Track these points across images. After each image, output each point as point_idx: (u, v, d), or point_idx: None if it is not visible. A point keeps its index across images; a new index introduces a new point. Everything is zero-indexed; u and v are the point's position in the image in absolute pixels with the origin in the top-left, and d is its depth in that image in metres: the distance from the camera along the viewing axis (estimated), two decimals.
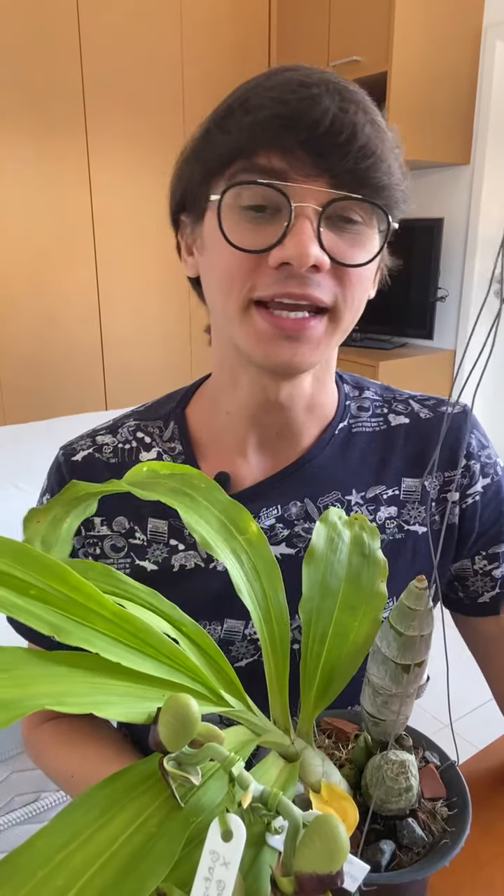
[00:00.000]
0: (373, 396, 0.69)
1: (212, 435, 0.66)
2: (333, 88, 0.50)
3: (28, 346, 2.74)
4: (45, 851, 0.25)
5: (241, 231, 0.52)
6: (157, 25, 2.73)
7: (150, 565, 0.64)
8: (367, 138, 0.50)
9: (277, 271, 0.51)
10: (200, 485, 0.41)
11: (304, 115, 0.49)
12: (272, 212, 0.51)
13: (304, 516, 0.64)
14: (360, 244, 0.53)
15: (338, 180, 0.50)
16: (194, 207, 0.57)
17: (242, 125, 0.51)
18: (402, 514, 0.65)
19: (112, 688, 0.30)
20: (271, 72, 0.53)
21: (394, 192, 0.54)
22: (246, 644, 0.64)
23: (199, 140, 0.56)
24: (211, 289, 0.58)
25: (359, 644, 0.44)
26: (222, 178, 0.53)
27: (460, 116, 2.68)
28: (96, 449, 0.67)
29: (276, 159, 0.50)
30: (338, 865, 0.25)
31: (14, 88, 2.50)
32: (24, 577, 0.30)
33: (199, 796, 0.29)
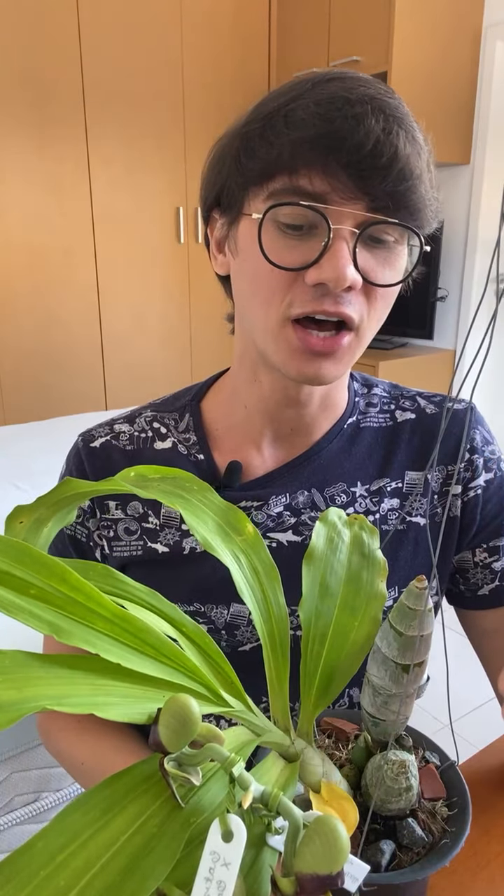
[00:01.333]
0: (381, 393, 0.71)
1: (227, 427, 0.69)
2: (377, 106, 0.51)
3: (28, 345, 2.74)
4: (47, 852, 0.25)
5: (279, 248, 0.53)
6: (157, 25, 2.73)
7: (161, 547, 0.66)
8: (406, 160, 0.51)
9: (313, 289, 0.53)
10: (192, 487, 0.41)
11: (349, 137, 0.50)
12: (309, 228, 0.53)
13: (311, 505, 0.66)
14: (391, 264, 0.56)
15: (376, 203, 0.52)
16: (229, 209, 0.58)
17: (286, 140, 0.51)
18: (404, 506, 0.67)
19: (112, 689, 0.30)
20: (317, 79, 0.53)
21: (427, 212, 0.56)
22: (251, 629, 0.65)
23: (239, 142, 0.56)
24: (245, 295, 0.60)
25: (359, 644, 0.44)
26: (262, 190, 0.54)
27: (460, 116, 2.68)
28: (113, 436, 0.69)
29: (317, 181, 0.51)
30: (338, 866, 0.25)
31: (14, 88, 2.50)
32: (23, 576, 0.30)
33: (200, 797, 0.29)
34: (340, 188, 0.51)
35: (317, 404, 0.65)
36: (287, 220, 0.53)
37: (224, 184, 0.58)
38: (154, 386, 3.03)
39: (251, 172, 0.54)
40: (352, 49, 2.61)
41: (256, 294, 0.56)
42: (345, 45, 2.65)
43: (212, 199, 0.61)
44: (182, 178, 2.89)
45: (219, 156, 0.59)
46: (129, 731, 0.71)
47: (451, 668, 0.46)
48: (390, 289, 0.56)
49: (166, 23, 2.74)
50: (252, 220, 0.55)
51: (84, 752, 0.69)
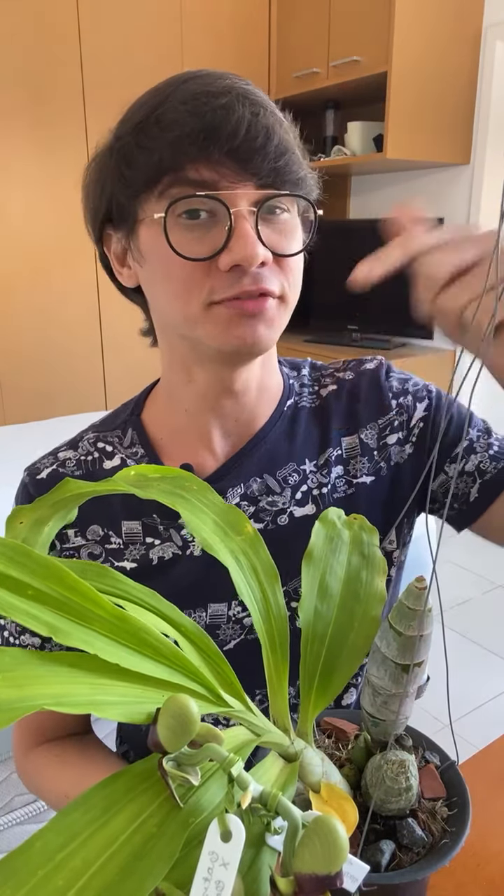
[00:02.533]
0: (307, 374, 0.75)
1: (172, 433, 0.69)
2: (239, 93, 0.54)
3: (28, 346, 2.74)
4: (45, 852, 0.25)
5: (186, 242, 0.55)
6: (157, 25, 2.73)
7: (129, 564, 0.66)
8: (279, 137, 0.55)
9: (229, 273, 0.55)
10: (192, 486, 0.41)
11: (222, 127, 0.52)
12: (209, 216, 0.55)
13: (266, 490, 0.67)
14: (291, 233, 0.58)
15: (263, 181, 0.55)
16: (123, 222, 0.60)
17: (163, 142, 0.53)
18: (348, 471, 0.69)
19: (111, 688, 0.30)
20: (176, 81, 0.56)
21: (308, 180, 0.59)
22: (232, 625, 0.66)
23: (116, 157, 0.58)
24: (160, 297, 0.60)
25: (358, 644, 0.44)
26: (152, 194, 0.56)
27: (460, 116, 2.68)
28: (59, 465, 0.69)
29: (204, 171, 0.54)
30: (337, 866, 0.25)
31: (14, 88, 2.50)
32: (21, 577, 0.30)
33: (199, 797, 0.29)
34: (228, 174, 0.54)
35: (254, 391, 0.67)
36: (187, 214, 0.55)
37: (111, 199, 0.59)
38: None
39: (137, 181, 0.56)
40: (352, 49, 2.61)
41: (173, 291, 0.57)
42: (345, 45, 2.65)
43: (101, 218, 0.62)
44: None
45: (96, 176, 0.61)
46: (110, 760, 0.70)
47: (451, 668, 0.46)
48: (297, 257, 0.59)
49: (166, 23, 2.75)
50: (152, 222, 0.56)
51: (67, 784, 0.68)
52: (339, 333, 3.03)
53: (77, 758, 0.70)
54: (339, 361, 0.76)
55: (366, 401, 0.70)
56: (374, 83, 2.56)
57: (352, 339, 3.02)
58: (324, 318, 2.94)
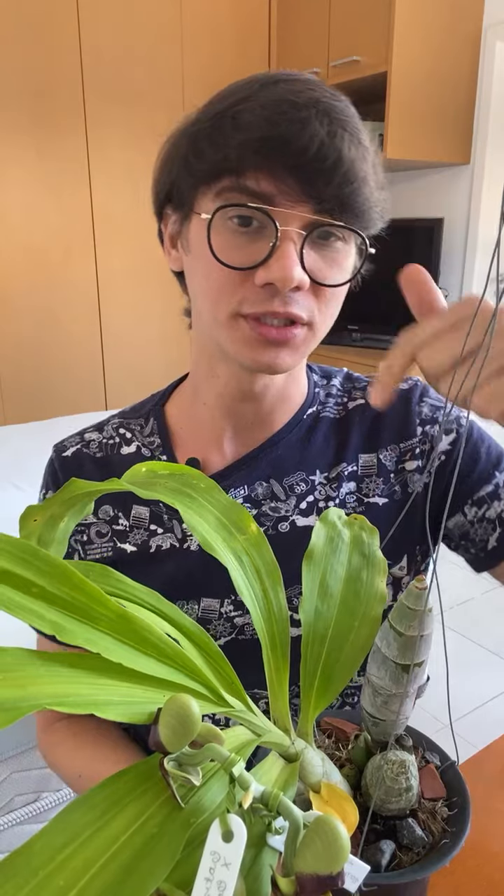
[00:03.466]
0: (337, 385, 0.73)
1: (190, 426, 0.70)
2: (323, 109, 0.52)
3: (28, 345, 2.74)
4: (46, 852, 0.25)
5: (229, 248, 0.54)
6: (157, 25, 2.72)
7: (129, 547, 0.68)
8: (350, 163, 0.52)
9: (262, 289, 0.54)
10: (200, 485, 0.41)
11: (294, 141, 0.51)
12: (258, 227, 0.54)
13: (270, 496, 0.67)
14: (338, 263, 0.57)
15: (322, 205, 0.53)
16: (180, 206, 0.60)
17: (232, 143, 0.52)
18: (361, 489, 0.68)
19: (113, 688, 0.30)
20: (263, 81, 0.54)
21: (373, 212, 0.57)
22: (223, 622, 0.66)
23: (187, 142, 0.57)
24: (197, 292, 0.61)
25: (359, 644, 0.44)
26: (210, 189, 0.55)
27: (460, 116, 2.68)
28: (84, 445, 0.72)
29: (264, 182, 0.52)
30: (338, 866, 0.25)
31: (14, 88, 2.50)
32: (26, 575, 0.30)
33: (200, 797, 0.29)
34: (286, 190, 0.52)
35: (273, 397, 0.66)
36: (236, 220, 0.54)
37: (174, 182, 0.59)
38: (154, 386, 3.00)
39: (199, 173, 0.55)
40: (352, 49, 2.61)
41: (207, 291, 0.58)
42: (345, 45, 2.65)
43: (163, 197, 0.62)
44: None
45: (169, 155, 0.60)
46: (125, 742, 0.72)
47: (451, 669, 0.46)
48: (338, 288, 0.58)
49: (166, 23, 2.74)
50: (202, 219, 0.55)
51: (80, 765, 0.70)
52: (340, 333, 3.02)
53: (92, 737, 0.71)
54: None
55: (391, 421, 0.69)
56: (374, 83, 2.56)
57: (352, 339, 3.02)
58: None
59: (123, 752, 0.69)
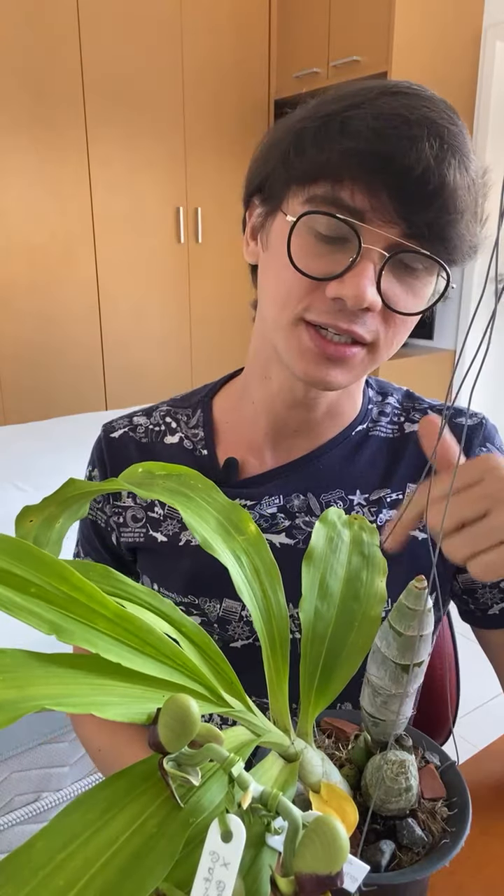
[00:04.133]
0: (394, 403, 0.70)
1: (234, 423, 0.70)
2: (436, 132, 0.50)
3: (28, 346, 2.74)
4: (46, 852, 0.25)
5: (307, 255, 0.53)
6: (157, 25, 2.72)
7: (161, 537, 0.68)
8: (453, 191, 0.50)
9: (331, 302, 0.53)
10: (197, 485, 0.41)
11: (399, 159, 0.49)
12: (342, 239, 0.52)
13: (306, 510, 0.65)
14: (416, 292, 0.55)
15: (413, 230, 0.51)
16: (269, 200, 0.58)
17: (337, 148, 0.51)
18: None
19: (112, 688, 0.30)
20: (381, 90, 0.52)
21: (462, 248, 0.54)
22: (242, 625, 0.66)
23: (292, 138, 0.55)
24: (266, 291, 0.60)
25: (358, 644, 0.44)
26: (303, 190, 0.54)
27: (460, 116, 2.68)
28: (131, 428, 0.72)
29: (359, 196, 0.51)
30: (338, 866, 0.25)
31: (14, 88, 2.50)
32: (24, 574, 0.30)
33: (199, 797, 0.29)
34: (380, 208, 0.51)
35: (323, 410, 0.65)
36: (320, 228, 0.52)
37: (269, 174, 0.58)
38: (154, 386, 3.03)
39: (296, 171, 0.54)
40: (352, 49, 2.61)
41: (276, 292, 0.57)
42: (345, 45, 2.65)
43: (255, 186, 0.60)
44: (182, 179, 2.89)
45: (270, 145, 0.59)
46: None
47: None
48: (409, 316, 0.56)
49: (166, 23, 2.74)
50: (287, 220, 0.54)
51: (102, 740, 0.71)
52: None
53: None
54: (438, 401, 0.71)
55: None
56: None
57: None
58: None
59: (141, 733, 0.71)
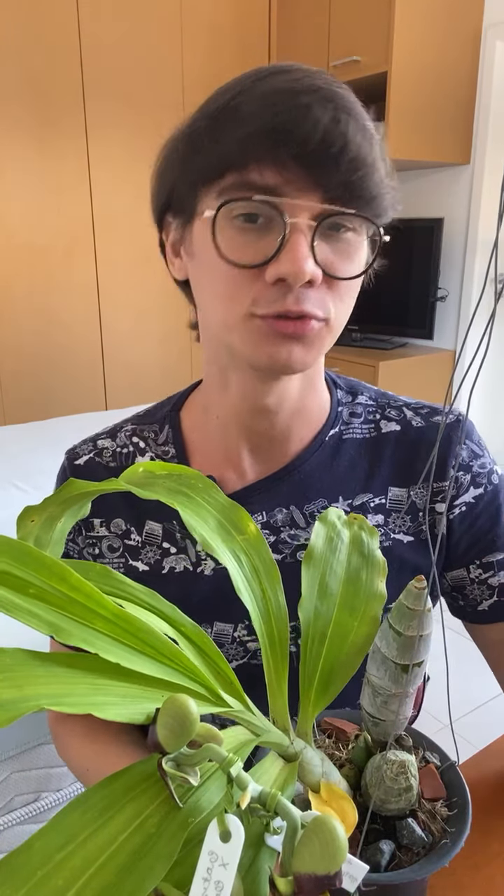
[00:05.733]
0: (366, 402, 0.69)
1: (204, 438, 0.67)
2: (324, 96, 0.50)
3: (28, 346, 2.74)
4: (44, 851, 0.25)
5: (236, 246, 0.52)
6: (157, 25, 2.73)
7: (142, 566, 0.66)
8: (357, 148, 0.50)
9: (274, 287, 0.51)
10: (198, 485, 0.41)
11: (296, 128, 0.48)
12: (265, 222, 0.51)
13: (290, 523, 0.64)
14: (350, 256, 0.54)
15: (330, 193, 0.50)
16: (182, 211, 0.57)
17: (233, 135, 0.50)
18: (388, 523, 0.65)
19: (111, 688, 0.30)
20: (260, 73, 0.52)
21: (384, 199, 0.54)
22: (236, 647, 0.64)
23: (186, 143, 0.55)
24: (205, 298, 0.58)
25: (358, 644, 0.44)
26: (212, 188, 0.52)
27: (460, 116, 2.68)
28: (97, 453, 0.69)
29: (268, 174, 0.50)
30: (336, 866, 0.25)
31: (14, 88, 2.50)
32: (23, 576, 0.30)
33: (198, 797, 0.29)
34: (293, 180, 0.49)
35: (288, 411, 0.63)
36: (242, 216, 0.51)
37: (173, 185, 0.57)
38: (154, 386, 3.03)
39: (200, 172, 0.53)
40: (352, 49, 2.61)
41: (216, 294, 0.55)
42: (345, 45, 2.65)
43: (163, 203, 0.59)
44: None
45: (166, 160, 0.58)
46: (133, 739, 0.70)
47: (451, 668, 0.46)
48: (353, 281, 0.55)
49: (166, 23, 2.74)
50: (205, 221, 0.53)
51: (89, 760, 0.68)
52: None
53: (103, 732, 0.69)
54: (411, 398, 0.70)
55: (427, 458, 0.65)
56: (374, 83, 2.56)
57: (352, 338, 3.02)
58: None
59: (134, 749, 0.68)
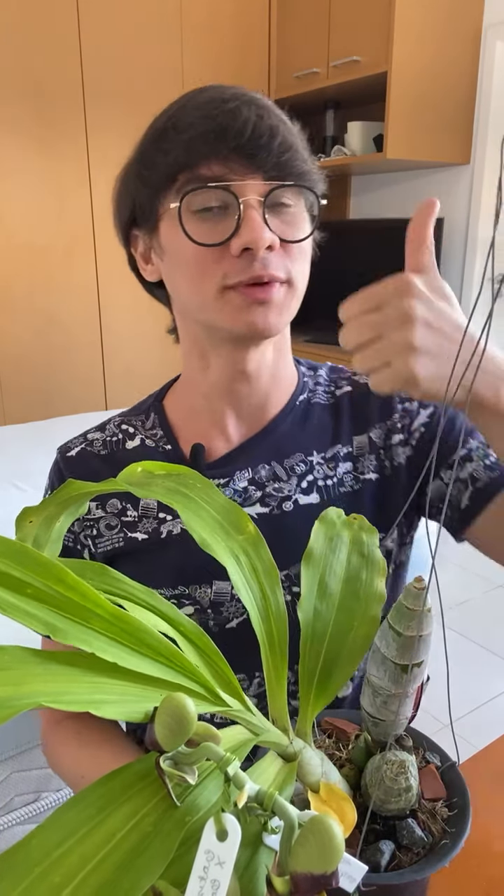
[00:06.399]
0: (324, 375, 0.79)
1: (189, 417, 0.75)
2: (247, 100, 0.61)
3: (28, 346, 2.74)
4: (42, 849, 0.25)
5: (201, 232, 0.60)
6: (157, 25, 2.73)
7: (141, 535, 0.71)
8: (282, 135, 0.61)
9: (240, 258, 0.60)
10: (196, 484, 0.41)
11: (230, 127, 0.59)
12: (221, 210, 0.61)
13: (273, 477, 0.72)
14: (297, 224, 0.64)
15: (269, 174, 0.61)
16: (146, 220, 0.66)
17: (178, 143, 0.60)
18: (357, 467, 0.73)
19: (110, 687, 0.30)
20: (190, 95, 0.64)
21: (312, 174, 0.65)
22: (234, 603, 0.69)
23: (139, 162, 0.65)
24: (179, 284, 0.66)
25: (357, 644, 0.44)
26: (170, 191, 0.62)
27: (460, 116, 2.68)
28: (87, 444, 0.76)
29: (215, 167, 0.60)
30: (332, 865, 0.25)
31: (14, 88, 2.50)
32: (20, 576, 0.30)
33: (196, 796, 0.29)
34: (237, 168, 0.60)
35: (266, 377, 0.71)
36: (200, 205, 0.60)
37: (135, 202, 0.66)
38: (154, 386, 3.01)
39: (156, 180, 0.62)
40: (352, 49, 2.61)
41: (190, 276, 0.63)
42: (345, 45, 2.65)
43: (127, 220, 0.68)
44: None
45: (123, 184, 0.68)
46: (128, 744, 0.72)
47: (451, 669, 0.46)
48: (305, 244, 0.65)
49: (166, 23, 2.74)
50: (170, 217, 0.62)
51: (83, 766, 0.71)
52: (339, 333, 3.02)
53: (96, 736, 0.72)
54: None
55: (375, 402, 0.75)
56: (374, 83, 2.56)
57: None
58: (324, 318, 2.92)
59: (128, 752, 0.70)
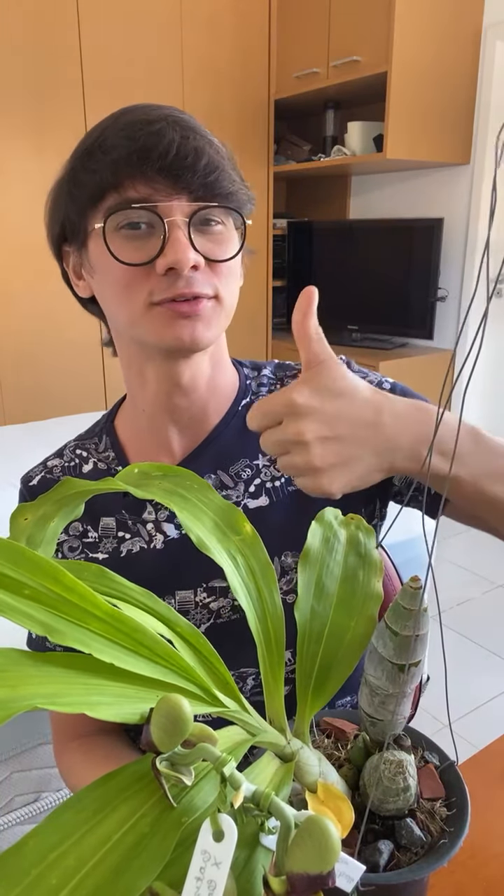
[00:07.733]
0: (268, 374, 0.79)
1: (137, 436, 0.76)
2: (173, 121, 0.61)
3: (28, 345, 2.74)
4: (38, 850, 0.25)
5: (127, 251, 0.61)
6: (157, 25, 2.73)
7: (101, 555, 0.72)
8: (208, 157, 0.61)
9: (166, 276, 0.61)
10: (193, 485, 0.41)
11: (155, 148, 0.59)
12: (147, 229, 0.61)
13: (220, 486, 0.72)
14: (224, 242, 0.64)
15: (195, 194, 0.61)
16: (76, 237, 0.67)
17: (104, 164, 0.61)
18: None
19: (106, 688, 0.30)
20: (118, 114, 0.65)
21: (239, 195, 0.65)
22: (199, 610, 0.70)
23: (67, 181, 0.65)
24: (110, 301, 0.66)
25: (355, 644, 0.44)
26: (97, 210, 0.62)
27: (460, 116, 2.68)
28: (47, 472, 0.78)
29: (141, 188, 0.60)
30: (329, 865, 0.25)
31: (14, 88, 2.50)
32: (17, 576, 0.30)
33: (192, 796, 0.29)
34: (162, 189, 0.60)
35: (204, 388, 0.71)
36: (127, 226, 0.61)
37: (65, 218, 0.66)
38: None
39: (84, 198, 0.63)
40: (352, 49, 2.61)
41: (117, 295, 0.64)
42: (345, 45, 2.65)
43: (58, 235, 0.69)
44: None
45: (54, 200, 0.68)
46: (134, 754, 0.73)
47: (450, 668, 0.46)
48: (232, 263, 0.65)
49: (166, 23, 2.74)
50: (97, 235, 0.62)
51: (87, 777, 0.71)
52: (339, 333, 3.02)
53: (103, 758, 0.73)
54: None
55: None
56: (374, 83, 2.56)
57: (352, 338, 3.02)
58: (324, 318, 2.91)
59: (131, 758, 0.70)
